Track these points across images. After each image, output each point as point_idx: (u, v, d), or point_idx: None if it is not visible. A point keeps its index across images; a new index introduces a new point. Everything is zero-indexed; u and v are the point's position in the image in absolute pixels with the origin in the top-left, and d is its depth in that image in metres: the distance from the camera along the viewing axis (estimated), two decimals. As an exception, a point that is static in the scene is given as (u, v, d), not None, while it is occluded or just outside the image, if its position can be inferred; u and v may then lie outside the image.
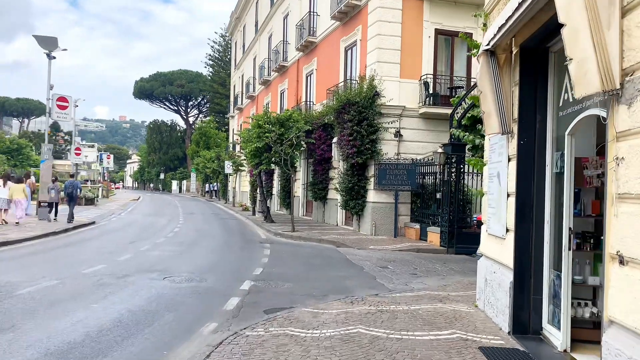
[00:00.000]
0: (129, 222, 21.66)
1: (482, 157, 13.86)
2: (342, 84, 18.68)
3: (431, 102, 17.39)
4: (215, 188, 50.03)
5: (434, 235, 15.57)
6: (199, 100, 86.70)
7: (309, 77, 24.61)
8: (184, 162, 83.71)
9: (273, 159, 19.53)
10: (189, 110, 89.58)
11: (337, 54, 20.76)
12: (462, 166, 14.84)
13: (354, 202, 17.76)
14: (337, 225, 20.44)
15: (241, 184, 39.15)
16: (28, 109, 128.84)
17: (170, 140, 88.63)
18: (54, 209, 19.00)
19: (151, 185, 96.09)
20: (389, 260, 12.69)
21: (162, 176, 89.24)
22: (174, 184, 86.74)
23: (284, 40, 28.35)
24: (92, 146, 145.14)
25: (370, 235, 17.24)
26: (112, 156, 41.90)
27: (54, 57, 19.89)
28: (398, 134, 17.28)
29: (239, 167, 33.40)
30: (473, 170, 15.11)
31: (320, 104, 19.44)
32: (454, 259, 13.74)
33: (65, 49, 20.83)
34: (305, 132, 21.10)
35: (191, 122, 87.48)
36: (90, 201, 31.05)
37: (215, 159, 41.59)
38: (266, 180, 30.31)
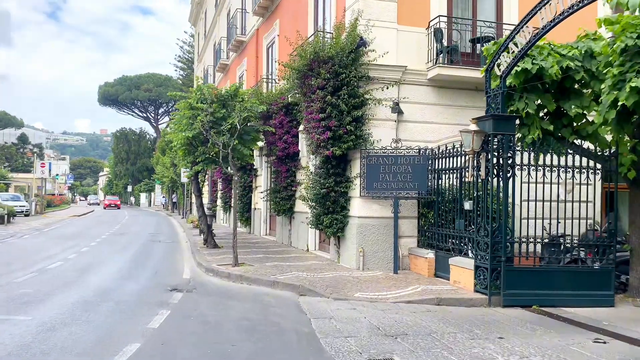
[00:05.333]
0: (4, 250, 15.02)
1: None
2: (311, 39, 12.41)
3: (446, 61, 11.24)
4: (175, 200, 43.26)
5: (461, 273, 9.31)
6: (169, 106, 79.93)
7: (270, 49, 18.36)
8: (153, 173, 76.74)
9: (212, 153, 13.17)
10: (159, 117, 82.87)
11: (305, 6, 14.56)
12: (510, 153, 8.64)
13: (330, 218, 11.44)
14: (307, 250, 14.07)
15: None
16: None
17: (139, 150, 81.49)
18: None
19: (131, 198, 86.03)
20: (393, 334, 6.42)
21: (129, 188, 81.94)
22: (143, 197, 79.60)
23: (242, 9, 22.13)
24: (64, 159, 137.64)
25: (357, 270, 10.93)
26: (46, 164, 35.11)
27: None
28: (396, 109, 11.02)
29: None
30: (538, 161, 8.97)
31: (282, 76, 13.12)
32: (508, 319, 7.50)
33: None
34: (262, 118, 14.83)
35: (162, 130, 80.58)
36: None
37: (171, 166, 34.92)
38: (223, 189, 23.96)
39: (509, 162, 8.60)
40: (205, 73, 33.71)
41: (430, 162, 10.71)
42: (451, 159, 10.15)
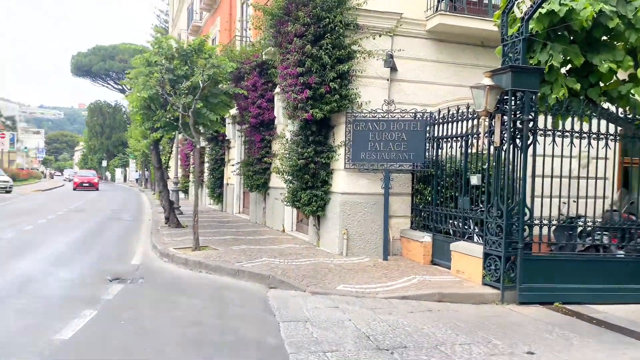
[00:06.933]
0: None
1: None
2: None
3: (449, 8, 9.45)
4: (147, 176, 41.12)
5: (466, 261, 7.70)
6: (146, 78, 76.55)
7: (244, 5, 16.34)
8: (128, 147, 73.94)
9: (169, 117, 11.27)
10: (134, 89, 79.57)
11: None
12: (532, 115, 6.96)
13: (309, 194, 9.71)
14: (283, 231, 12.38)
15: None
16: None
17: (114, 124, 78.49)
18: None
19: (107, 174, 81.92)
20: (388, 347, 4.80)
21: (104, 163, 79.04)
22: (118, 172, 76.94)
23: (215, -37, 19.94)
24: (38, 132, 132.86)
25: (339, 255, 9.28)
26: (6, 135, 32.59)
27: None
28: (390, 63, 9.22)
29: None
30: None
31: (256, 24, 11.06)
32: (530, 323, 5.92)
33: None
34: (234, 79, 12.95)
35: (136, 102, 77.41)
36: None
37: (142, 138, 32.64)
38: (195, 163, 21.96)
39: (530, 126, 6.94)
40: (178, 39, 31.33)
41: (428, 128, 9.00)
42: (454, 124, 8.45)
